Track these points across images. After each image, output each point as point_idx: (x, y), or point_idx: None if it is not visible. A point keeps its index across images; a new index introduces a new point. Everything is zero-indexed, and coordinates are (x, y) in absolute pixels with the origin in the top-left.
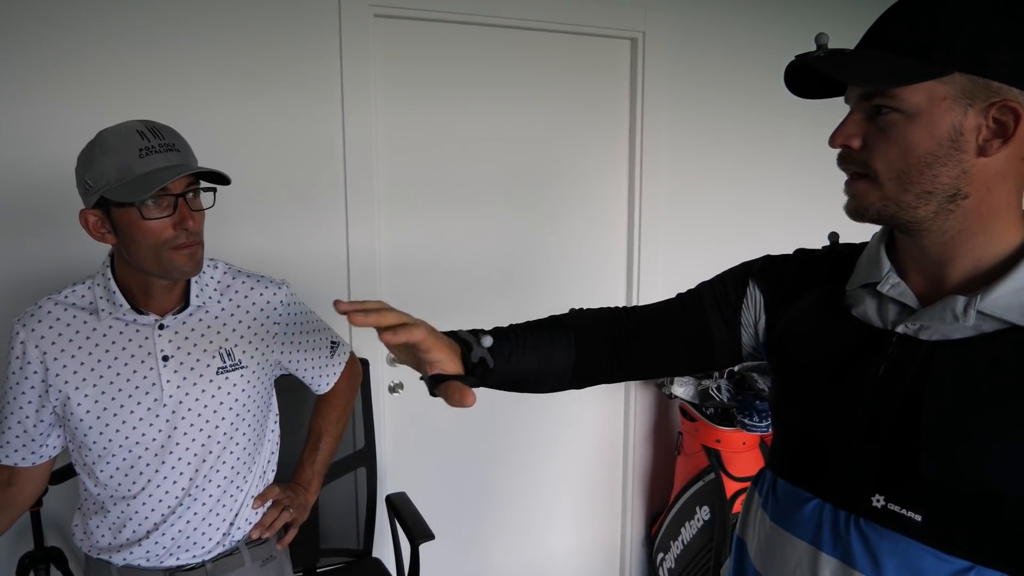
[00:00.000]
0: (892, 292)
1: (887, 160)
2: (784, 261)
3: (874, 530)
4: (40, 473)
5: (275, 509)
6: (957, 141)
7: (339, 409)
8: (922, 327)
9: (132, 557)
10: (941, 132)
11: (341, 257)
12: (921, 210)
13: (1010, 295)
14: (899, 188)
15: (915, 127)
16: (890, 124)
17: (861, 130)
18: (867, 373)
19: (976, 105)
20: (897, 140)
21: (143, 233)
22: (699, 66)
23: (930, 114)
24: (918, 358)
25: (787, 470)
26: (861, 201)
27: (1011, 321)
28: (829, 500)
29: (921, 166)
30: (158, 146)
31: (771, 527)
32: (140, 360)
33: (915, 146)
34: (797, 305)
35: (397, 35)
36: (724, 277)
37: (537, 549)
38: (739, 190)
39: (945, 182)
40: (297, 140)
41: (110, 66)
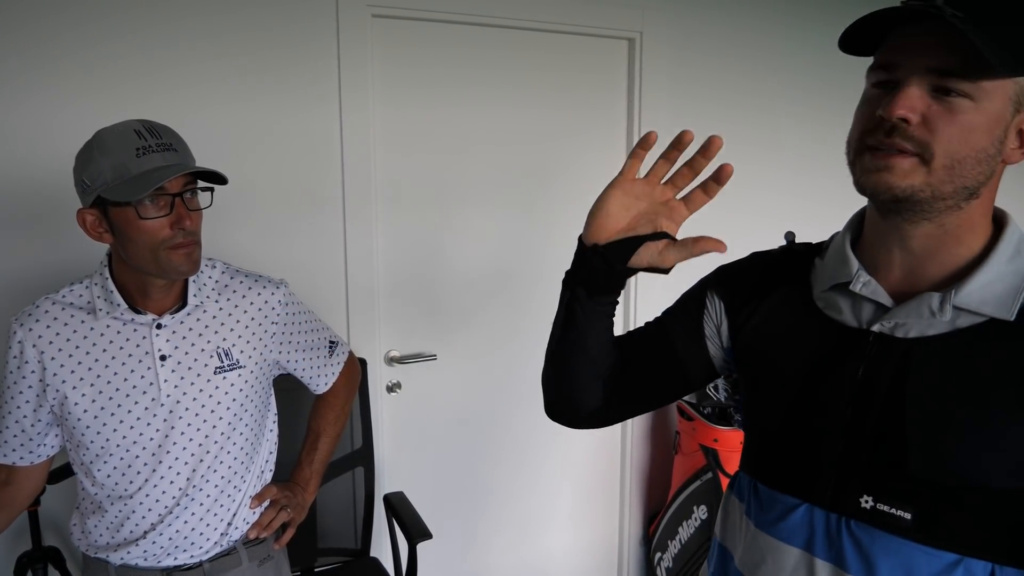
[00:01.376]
0: (865, 291)
1: (949, 145)
2: (740, 266)
3: (865, 531)
4: (38, 472)
5: (273, 509)
6: (1003, 142)
7: (337, 409)
8: (897, 324)
9: (130, 556)
10: (998, 130)
11: (339, 257)
12: (948, 201)
13: (983, 288)
14: (946, 176)
15: (983, 120)
16: (960, 109)
17: (923, 106)
18: (846, 374)
19: (1021, 111)
20: (963, 127)
21: (140, 233)
22: (697, 66)
23: (995, 109)
24: (896, 356)
25: (768, 475)
26: (901, 179)
27: (986, 314)
28: (817, 504)
29: (975, 160)
30: (155, 145)
31: (758, 534)
32: (138, 360)
33: (978, 139)
34: (763, 307)
35: (395, 35)
36: (683, 297)
37: (535, 548)
38: (737, 189)
39: (980, 180)
40: (295, 140)
41: (109, 66)
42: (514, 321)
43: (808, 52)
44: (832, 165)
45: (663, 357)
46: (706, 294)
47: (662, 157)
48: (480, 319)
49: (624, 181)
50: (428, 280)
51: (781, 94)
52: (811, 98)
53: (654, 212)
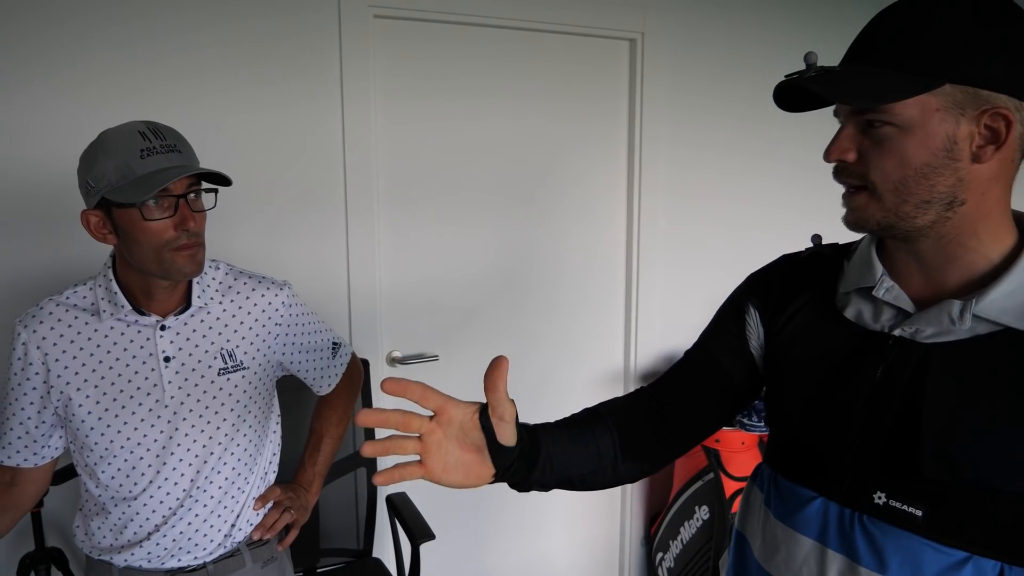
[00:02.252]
0: (887, 296)
1: (884, 172)
2: (769, 271)
3: (877, 526)
4: (42, 474)
5: (276, 510)
6: (952, 150)
7: (340, 410)
8: (918, 330)
9: (133, 558)
10: (936, 143)
11: (341, 258)
12: (920, 219)
13: (1004, 298)
14: (898, 199)
15: (910, 139)
16: (885, 137)
17: (855, 144)
18: (865, 374)
19: (968, 114)
20: (893, 152)
21: (144, 234)
22: (698, 67)
23: (924, 126)
24: (915, 359)
25: (788, 468)
26: (861, 213)
27: (1005, 324)
28: (833, 498)
29: (918, 177)
30: (159, 147)
31: (776, 524)
32: (141, 361)
33: (911, 158)
34: (790, 309)
35: (397, 35)
36: (719, 316)
37: (536, 548)
38: (738, 190)
39: (942, 191)
40: (297, 140)
41: (112, 70)
42: (516, 321)
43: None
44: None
45: (710, 377)
46: (743, 306)
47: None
48: (482, 319)
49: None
50: (430, 281)
51: None
52: None
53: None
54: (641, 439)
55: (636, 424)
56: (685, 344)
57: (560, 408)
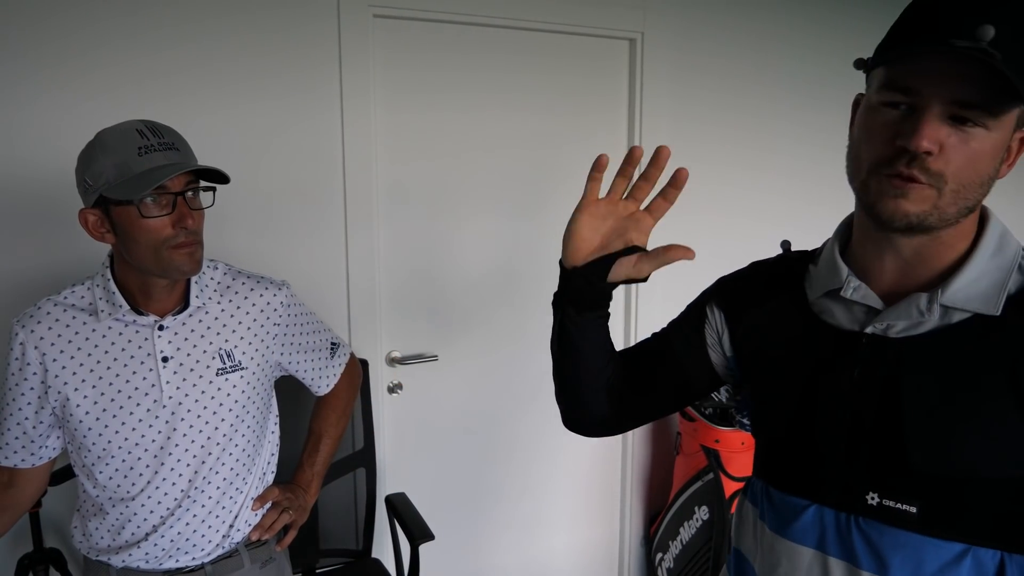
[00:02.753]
0: (855, 296)
1: (959, 173)
2: (737, 276)
3: (874, 528)
4: (40, 474)
5: (275, 511)
6: (1001, 161)
7: (339, 410)
8: (889, 326)
9: (131, 559)
10: (1000, 153)
11: (340, 257)
12: (951, 220)
13: (969, 285)
14: (952, 200)
15: (990, 145)
16: (974, 138)
17: (943, 136)
18: (843, 377)
19: (1018, 130)
20: (974, 155)
21: (142, 232)
22: (698, 67)
23: (1001, 135)
24: (889, 356)
25: (778, 479)
26: (915, 207)
27: (972, 310)
28: (826, 504)
29: (978, 184)
30: (157, 144)
31: (773, 538)
32: (139, 361)
33: (984, 163)
34: (760, 313)
35: (396, 35)
36: (686, 309)
37: (536, 549)
38: (737, 190)
39: (979, 199)
40: (296, 140)
41: (110, 68)
42: (515, 322)
43: (809, 52)
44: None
45: (666, 365)
46: (706, 305)
47: (618, 175)
48: (481, 320)
49: (588, 204)
50: (429, 281)
51: (782, 95)
52: (812, 98)
53: (622, 227)
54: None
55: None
56: None
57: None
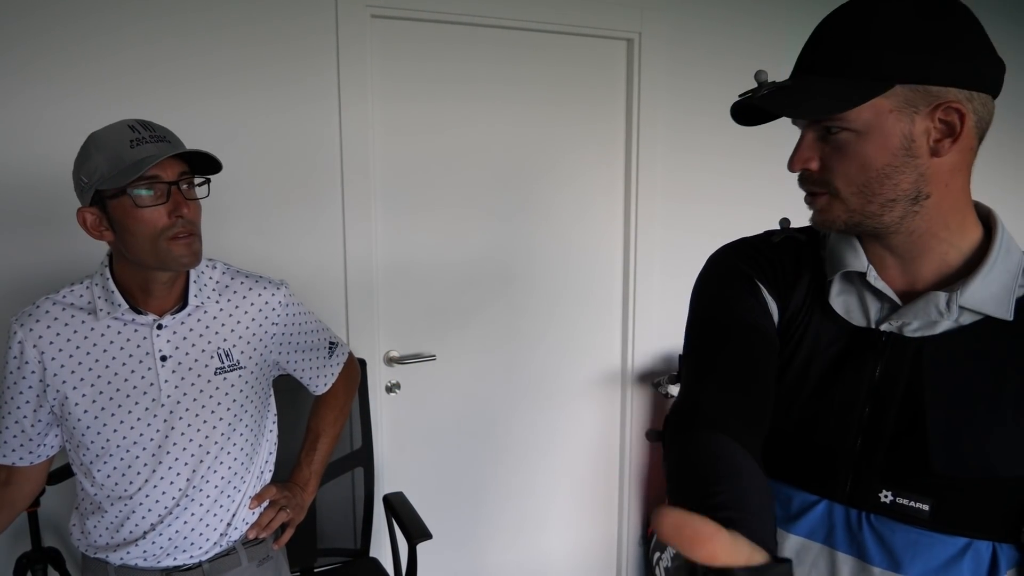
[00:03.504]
0: (878, 284)
1: (847, 177)
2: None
3: (885, 524)
4: (38, 473)
5: (272, 509)
6: (910, 148)
7: (337, 409)
8: (905, 323)
9: (129, 557)
10: (894, 143)
11: (338, 257)
12: (887, 216)
13: (983, 288)
14: (863, 200)
15: (868, 143)
16: (844, 143)
17: (816, 152)
18: (863, 373)
19: (921, 111)
20: (853, 157)
21: (138, 223)
22: (695, 66)
23: (880, 128)
24: (909, 356)
25: (784, 472)
26: (827, 215)
27: (986, 312)
28: (837, 499)
29: (881, 178)
30: (148, 136)
31: (778, 533)
32: (138, 360)
33: (872, 160)
34: (795, 294)
35: (394, 35)
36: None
37: (534, 548)
38: (735, 189)
39: (906, 188)
40: (294, 140)
41: (107, 66)
42: (513, 321)
43: None
44: None
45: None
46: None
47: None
48: (479, 319)
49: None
50: (427, 280)
51: None
52: None
53: None
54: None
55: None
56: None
57: (557, 408)
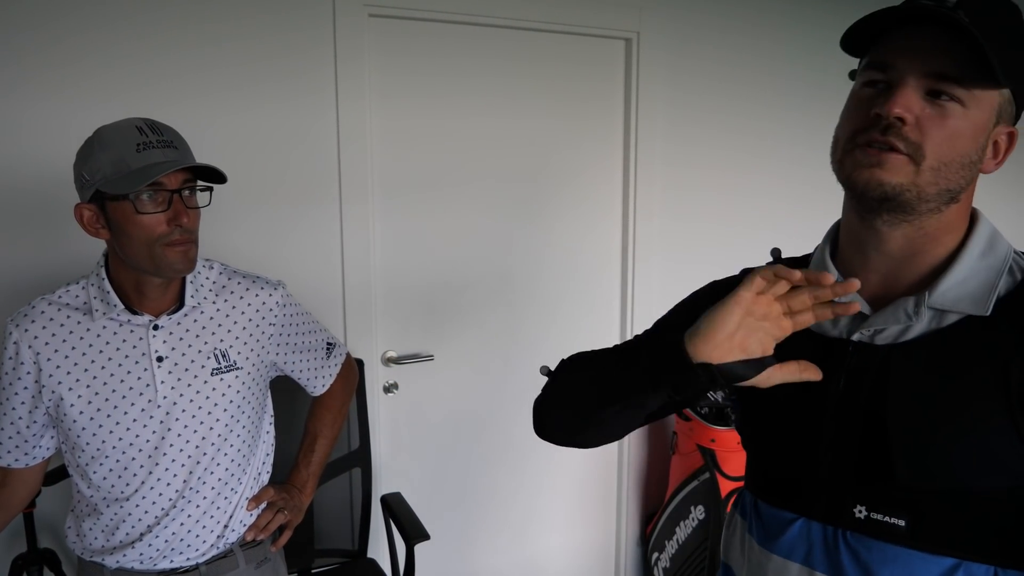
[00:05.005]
0: (844, 299)
1: (938, 148)
2: (732, 283)
3: (861, 542)
4: (34, 474)
5: (270, 511)
6: (984, 150)
7: (335, 410)
8: (876, 331)
9: (125, 559)
10: (982, 137)
11: (335, 257)
12: (931, 203)
13: (957, 286)
14: (931, 178)
15: (970, 126)
16: (950, 113)
17: (918, 107)
18: (828, 386)
19: (1000, 123)
20: (952, 131)
21: (137, 228)
22: (693, 66)
23: (983, 119)
24: (875, 364)
25: (765, 491)
26: (890, 176)
27: (963, 311)
28: (813, 517)
29: (960, 165)
30: (156, 142)
31: (760, 552)
32: (134, 361)
33: (965, 144)
34: None
35: (391, 35)
36: (677, 310)
37: (532, 549)
38: (733, 188)
39: (962, 185)
40: (292, 140)
41: (106, 66)
42: (511, 321)
43: (805, 51)
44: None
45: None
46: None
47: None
48: (477, 320)
49: (748, 300)
50: (425, 281)
51: (777, 94)
52: (807, 97)
53: (757, 327)
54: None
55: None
56: None
57: None
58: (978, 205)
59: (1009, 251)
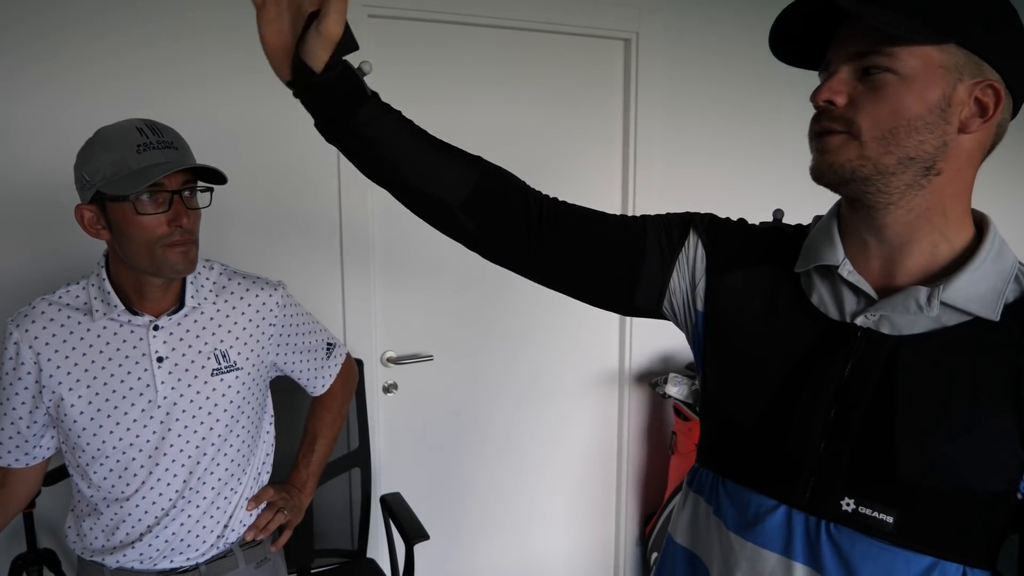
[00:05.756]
0: (851, 278)
1: (875, 118)
2: (729, 226)
3: (845, 535)
4: (34, 474)
5: (269, 511)
6: (945, 111)
7: (334, 411)
8: (883, 318)
9: (125, 559)
10: (933, 97)
11: (335, 257)
12: (897, 177)
13: (970, 286)
14: (882, 148)
15: (909, 89)
16: (883, 84)
17: (848, 88)
18: (833, 371)
19: (964, 81)
20: (889, 100)
21: (137, 228)
22: (692, 66)
23: (925, 79)
24: (883, 355)
25: (739, 473)
26: (836, 157)
27: (972, 312)
28: (796, 506)
29: (910, 129)
30: (156, 143)
31: (734, 539)
32: (134, 361)
33: (907, 108)
34: (743, 276)
35: (390, 35)
36: (669, 216)
37: (531, 549)
38: (733, 189)
39: (928, 150)
40: (292, 141)
41: (107, 67)
42: (510, 321)
43: None
44: None
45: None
46: (690, 231)
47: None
48: (476, 320)
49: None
50: (424, 281)
51: (776, 93)
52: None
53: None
54: (503, 209)
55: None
56: (681, 343)
57: (554, 409)
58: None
59: (1015, 261)
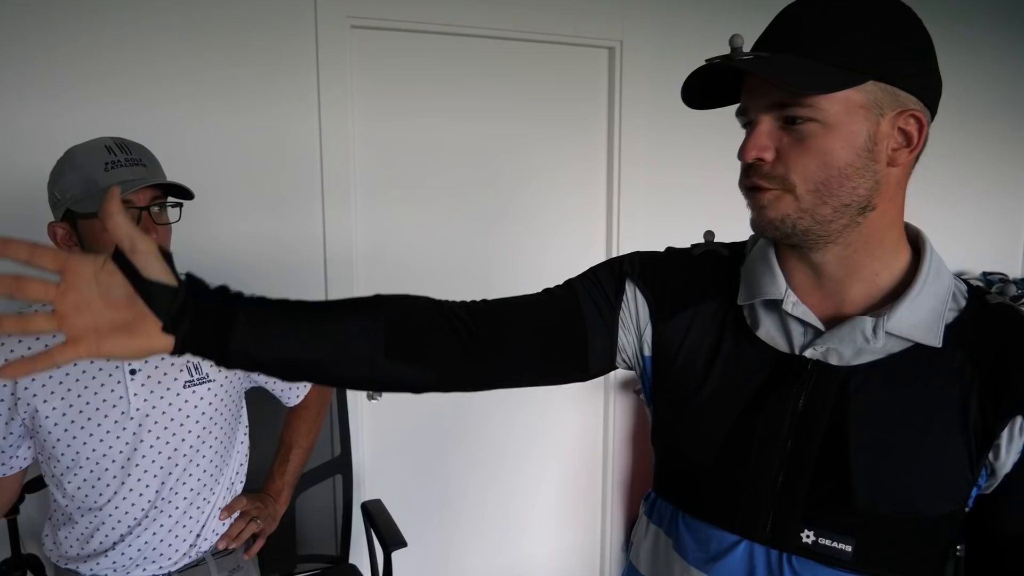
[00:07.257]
0: (796, 311)
1: (806, 172)
2: (661, 264)
3: (807, 567)
4: (11, 483)
5: (242, 520)
6: (873, 151)
7: (310, 421)
8: (830, 350)
9: (99, 568)
10: (859, 142)
11: (318, 264)
12: (836, 223)
13: (912, 314)
14: (817, 200)
15: (834, 137)
16: (808, 134)
17: (774, 141)
18: (787, 404)
19: (886, 114)
20: (816, 151)
21: (106, 246)
22: (677, 74)
23: (848, 124)
24: (835, 386)
25: (698, 508)
26: (774, 213)
27: (914, 339)
28: (757, 539)
29: (841, 177)
30: (124, 160)
31: (698, 574)
32: (108, 373)
33: (836, 157)
34: (685, 320)
35: (374, 46)
36: (596, 273)
37: (515, 555)
38: (717, 197)
39: (862, 193)
40: (275, 149)
41: (89, 76)
42: None
43: None
44: None
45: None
46: (625, 281)
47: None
48: None
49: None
50: (408, 286)
51: None
52: None
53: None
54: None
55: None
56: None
57: (539, 414)
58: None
59: (951, 279)
